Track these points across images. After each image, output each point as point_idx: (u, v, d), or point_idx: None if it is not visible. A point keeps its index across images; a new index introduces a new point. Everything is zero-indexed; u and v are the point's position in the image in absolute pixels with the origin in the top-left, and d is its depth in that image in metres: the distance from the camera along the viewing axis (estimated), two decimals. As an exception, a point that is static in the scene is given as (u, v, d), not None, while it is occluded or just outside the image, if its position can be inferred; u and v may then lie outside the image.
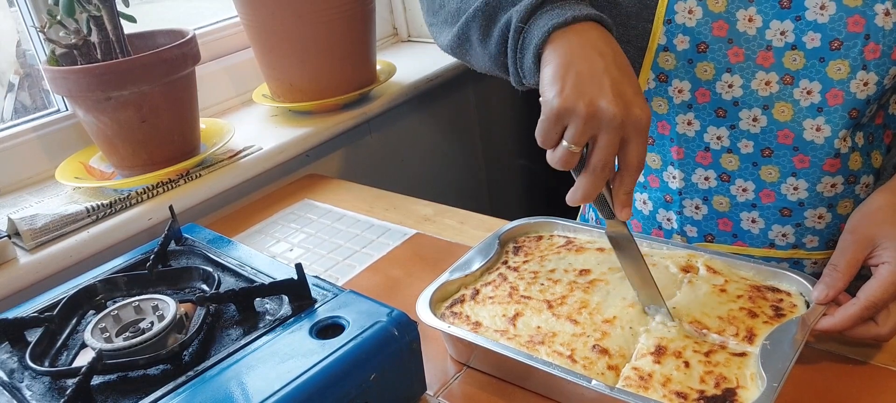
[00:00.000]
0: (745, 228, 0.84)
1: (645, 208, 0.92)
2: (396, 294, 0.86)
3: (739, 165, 0.81)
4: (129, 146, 1.05)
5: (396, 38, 1.71)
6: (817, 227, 0.81)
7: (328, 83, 1.27)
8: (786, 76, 0.75)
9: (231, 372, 0.60)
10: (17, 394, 0.62)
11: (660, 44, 0.78)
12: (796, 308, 0.67)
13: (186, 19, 1.74)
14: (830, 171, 0.77)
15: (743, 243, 0.85)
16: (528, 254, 0.81)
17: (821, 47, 0.72)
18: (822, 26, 0.72)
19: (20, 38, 1.35)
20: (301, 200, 1.14)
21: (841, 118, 0.74)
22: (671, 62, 0.78)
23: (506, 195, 1.81)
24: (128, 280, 0.76)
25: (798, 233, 0.82)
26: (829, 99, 0.74)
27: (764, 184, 0.81)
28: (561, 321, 0.69)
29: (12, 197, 1.10)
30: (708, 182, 0.83)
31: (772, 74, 0.75)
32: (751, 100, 0.77)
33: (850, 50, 0.71)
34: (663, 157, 0.86)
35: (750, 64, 0.75)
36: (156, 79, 1.01)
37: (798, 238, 0.82)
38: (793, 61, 0.74)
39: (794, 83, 0.75)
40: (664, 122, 0.83)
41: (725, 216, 0.84)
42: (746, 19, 0.74)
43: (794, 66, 0.74)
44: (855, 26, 0.71)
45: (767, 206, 0.82)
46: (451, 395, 0.68)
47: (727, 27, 0.75)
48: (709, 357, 0.62)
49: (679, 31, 0.76)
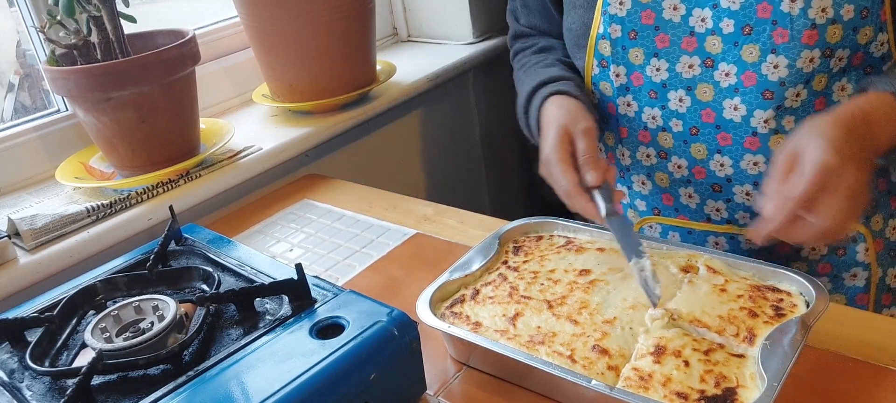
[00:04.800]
0: (684, 203, 0.91)
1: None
2: (396, 294, 0.86)
3: (673, 143, 0.87)
4: (129, 146, 1.05)
5: (396, 38, 1.71)
6: (747, 203, 0.86)
7: (328, 83, 1.27)
8: (707, 59, 0.81)
9: (231, 372, 0.60)
10: (17, 394, 0.62)
11: (598, 32, 0.86)
12: (796, 307, 0.67)
13: (186, 19, 1.74)
14: (751, 149, 0.82)
15: (685, 217, 0.92)
16: (528, 254, 0.81)
17: (735, 32, 0.78)
18: (734, 13, 0.78)
19: (20, 38, 1.35)
20: (301, 200, 1.14)
21: (755, 98, 0.79)
22: (607, 49, 0.86)
23: (506, 195, 1.81)
24: (128, 280, 0.76)
25: (730, 209, 0.88)
26: (744, 80, 0.79)
27: (695, 161, 0.87)
28: (561, 321, 0.69)
29: (12, 197, 1.10)
30: (650, 159, 0.91)
31: (694, 58, 0.82)
32: (676, 82, 0.84)
33: (760, 35, 0.77)
34: (615, 136, 0.94)
35: (675, 49, 0.82)
36: (155, 80, 1.01)
37: (730, 213, 0.88)
38: (712, 46, 0.80)
39: (714, 66, 0.81)
40: (611, 104, 0.91)
41: (667, 191, 0.92)
42: (671, 8, 0.81)
43: (714, 50, 0.80)
44: (763, 12, 0.76)
45: (700, 182, 0.88)
46: (451, 395, 0.68)
47: (654, 15, 0.82)
48: (709, 356, 0.62)
49: (613, 21, 0.84)
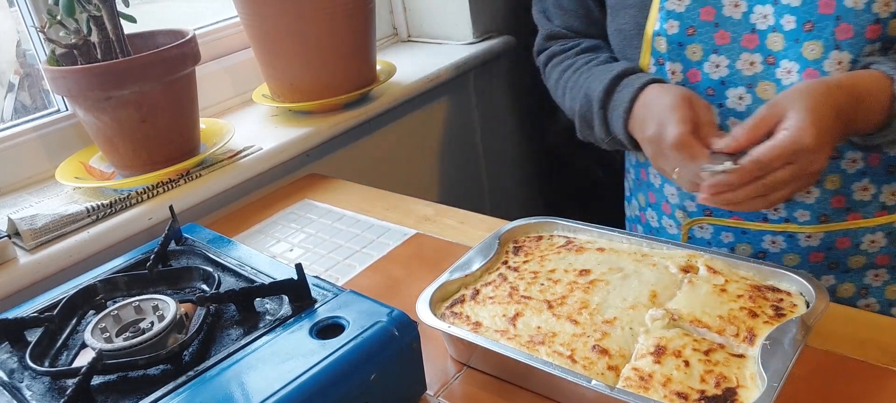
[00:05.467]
0: None
1: (656, 181, 0.96)
2: (396, 294, 0.86)
3: None
4: (129, 146, 1.05)
5: (396, 38, 1.71)
6: (807, 201, 0.84)
7: (328, 83, 1.27)
8: (769, 57, 0.80)
9: (231, 372, 0.60)
10: (17, 394, 0.62)
11: (654, 30, 0.85)
12: (796, 307, 0.67)
13: (186, 19, 1.74)
14: None
15: (739, 217, 0.89)
16: (528, 254, 0.81)
17: (796, 29, 0.77)
18: (795, 9, 0.76)
19: (20, 38, 1.35)
20: (301, 200, 1.14)
21: None
22: (664, 46, 0.85)
23: (506, 195, 1.81)
24: (128, 280, 0.76)
25: (788, 207, 0.85)
26: (806, 78, 0.77)
27: None
28: (561, 321, 0.69)
29: (12, 197, 1.10)
30: None
31: (755, 55, 0.80)
32: (736, 79, 0.82)
33: (823, 31, 0.75)
34: None
35: (735, 46, 0.81)
36: (156, 79, 1.01)
37: (789, 212, 0.85)
38: (774, 43, 0.79)
39: (775, 63, 0.79)
40: None
41: None
42: (732, 5, 0.80)
43: (776, 48, 0.79)
44: (826, 8, 0.74)
45: None
46: (451, 395, 0.68)
47: (714, 12, 0.81)
48: (709, 356, 0.62)
49: (670, 17, 0.83)
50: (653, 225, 1.01)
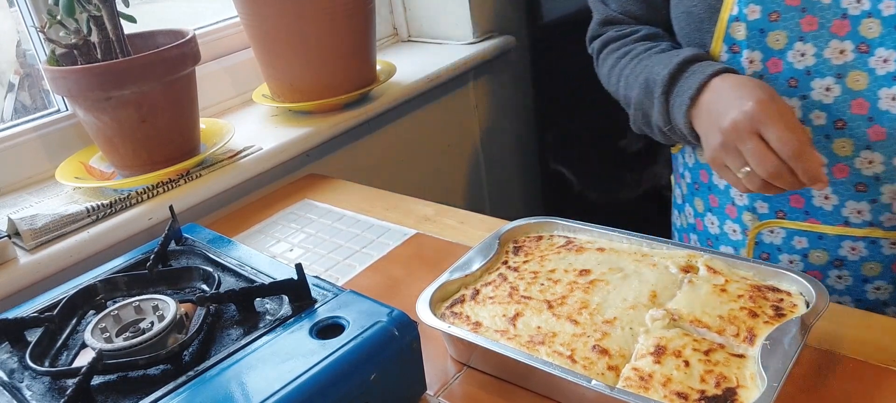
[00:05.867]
0: (817, 205, 0.82)
1: (720, 183, 0.91)
2: (396, 294, 0.86)
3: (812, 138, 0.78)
4: (129, 146, 1.05)
5: (396, 38, 1.71)
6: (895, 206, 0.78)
7: (328, 83, 1.27)
8: (861, 44, 0.73)
9: (231, 372, 0.60)
10: (17, 394, 0.62)
11: (731, 14, 0.78)
12: (796, 307, 0.66)
13: (186, 19, 1.74)
14: None
15: (815, 220, 0.82)
16: (528, 254, 0.81)
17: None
18: None
19: (20, 38, 1.35)
20: (301, 200, 1.14)
21: None
22: (742, 32, 0.78)
23: (506, 195, 1.81)
24: (128, 280, 0.76)
25: (874, 211, 0.79)
26: None
27: (837, 158, 0.78)
28: (561, 321, 0.69)
29: (12, 197, 1.10)
30: None
31: (846, 43, 0.74)
32: (823, 69, 0.76)
33: None
34: None
35: (823, 32, 0.75)
36: (156, 79, 1.01)
37: (874, 215, 0.79)
38: (868, 29, 0.73)
39: (869, 51, 0.73)
40: None
41: (797, 192, 0.82)
42: None
43: (870, 35, 0.73)
44: None
45: (841, 182, 0.79)
46: (451, 395, 0.68)
47: None
48: (709, 356, 0.62)
49: (751, 1, 0.76)
50: (712, 232, 0.95)
